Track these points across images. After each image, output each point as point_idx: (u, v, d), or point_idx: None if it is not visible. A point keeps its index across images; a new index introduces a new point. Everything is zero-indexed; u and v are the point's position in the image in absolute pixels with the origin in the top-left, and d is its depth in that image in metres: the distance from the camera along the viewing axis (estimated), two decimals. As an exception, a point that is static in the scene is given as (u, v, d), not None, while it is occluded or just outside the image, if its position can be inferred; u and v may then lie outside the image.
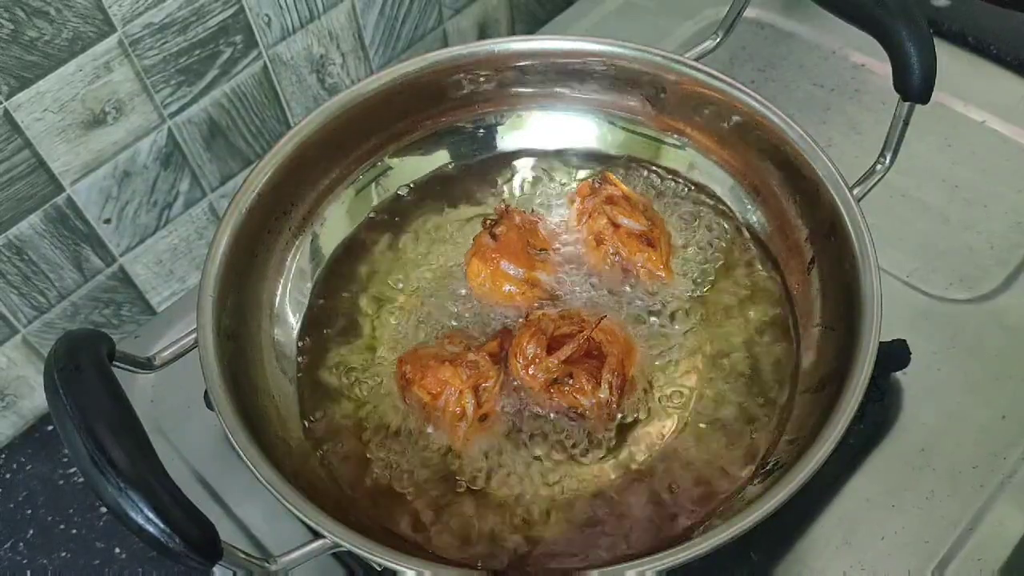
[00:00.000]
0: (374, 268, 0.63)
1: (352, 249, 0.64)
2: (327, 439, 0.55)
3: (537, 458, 0.53)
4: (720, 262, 0.60)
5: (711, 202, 0.63)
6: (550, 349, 0.54)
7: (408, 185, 0.66)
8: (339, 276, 0.62)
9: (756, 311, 0.58)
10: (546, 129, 0.67)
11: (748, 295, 0.59)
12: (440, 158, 0.67)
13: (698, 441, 0.54)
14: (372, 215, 0.65)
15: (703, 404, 0.55)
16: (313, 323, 0.60)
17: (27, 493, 0.62)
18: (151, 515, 0.37)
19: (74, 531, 0.60)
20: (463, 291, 0.61)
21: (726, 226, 0.62)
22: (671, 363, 0.57)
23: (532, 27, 0.88)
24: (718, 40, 0.64)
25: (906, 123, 0.54)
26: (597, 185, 0.61)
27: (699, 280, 0.60)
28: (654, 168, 0.65)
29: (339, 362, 0.59)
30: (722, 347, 0.57)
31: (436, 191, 0.66)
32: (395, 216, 0.65)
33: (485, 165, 0.67)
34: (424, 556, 0.49)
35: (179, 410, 0.62)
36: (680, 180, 0.65)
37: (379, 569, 0.45)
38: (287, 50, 0.69)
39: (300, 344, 0.59)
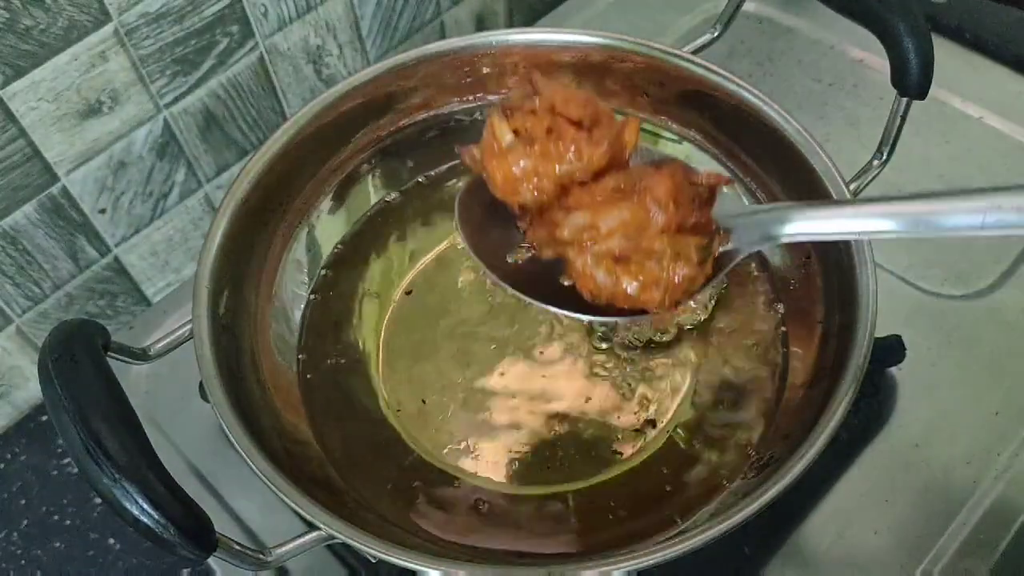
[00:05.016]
0: (373, 258, 0.63)
1: (350, 240, 0.64)
2: (325, 431, 0.55)
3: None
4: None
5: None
6: None
7: (405, 177, 0.66)
8: (337, 267, 0.62)
9: (750, 306, 0.58)
10: (543, 122, 0.67)
11: (742, 289, 0.59)
12: (436, 151, 0.67)
13: (690, 435, 0.54)
14: (369, 206, 0.65)
15: (697, 398, 0.55)
16: (311, 314, 0.60)
17: (21, 484, 0.62)
18: (146, 506, 0.37)
19: (68, 522, 0.60)
20: (465, 278, 0.61)
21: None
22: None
23: (530, 19, 0.88)
24: (716, 34, 0.64)
25: (903, 119, 0.54)
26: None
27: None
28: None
29: (338, 353, 0.58)
30: (716, 342, 0.57)
31: (432, 183, 0.66)
32: (393, 207, 0.65)
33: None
34: (423, 548, 0.49)
35: (174, 401, 0.62)
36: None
37: (374, 562, 0.45)
38: (284, 40, 0.68)
39: (298, 335, 0.59)
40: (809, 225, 0.41)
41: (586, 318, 0.43)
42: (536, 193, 0.42)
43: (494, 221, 0.45)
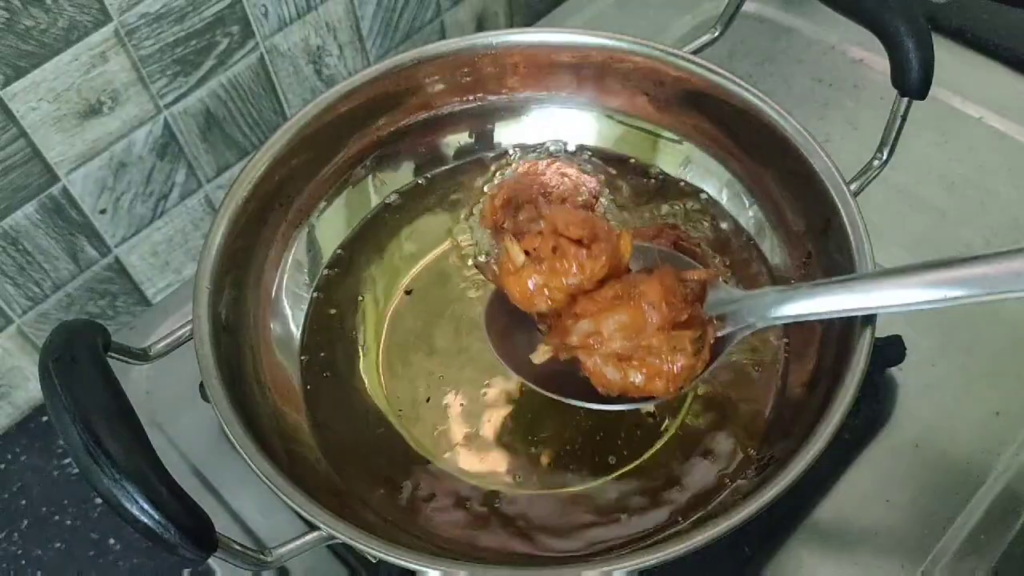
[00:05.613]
0: (373, 259, 0.63)
1: (350, 241, 0.64)
2: (325, 431, 0.55)
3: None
4: (715, 258, 0.60)
5: (707, 197, 0.63)
6: None
7: (405, 178, 0.66)
8: (338, 267, 0.62)
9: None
10: (543, 123, 0.67)
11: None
12: (436, 152, 0.67)
13: (692, 435, 0.54)
14: (370, 206, 0.65)
15: (698, 398, 0.55)
16: (312, 314, 0.60)
17: (21, 484, 0.62)
18: (146, 506, 0.37)
19: (68, 522, 0.60)
20: (467, 273, 0.61)
21: (721, 222, 0.62)
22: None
23: (530, 20, 0.88)
24: (717, 34, 0.64)
25: (904, 119, 0.54)
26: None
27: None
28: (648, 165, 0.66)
29: (339, 353, 0.59)
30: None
31: (433, 185, 0.66)
32: (393, 207, 0.65)
33: (481, 160, 0.67)
34: (423, 548, 0.49)
35: (174, 402, 0.62)
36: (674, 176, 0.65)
37: (374, 562, 0.45)
38: (284, 41, 0.68)
39: (299, 335, 0.59)
40: (796, 307, 0.46)
41: (605, 407, 0.49)
42: (549, 303, 0.48)
43: (517, 327, 0.52)
